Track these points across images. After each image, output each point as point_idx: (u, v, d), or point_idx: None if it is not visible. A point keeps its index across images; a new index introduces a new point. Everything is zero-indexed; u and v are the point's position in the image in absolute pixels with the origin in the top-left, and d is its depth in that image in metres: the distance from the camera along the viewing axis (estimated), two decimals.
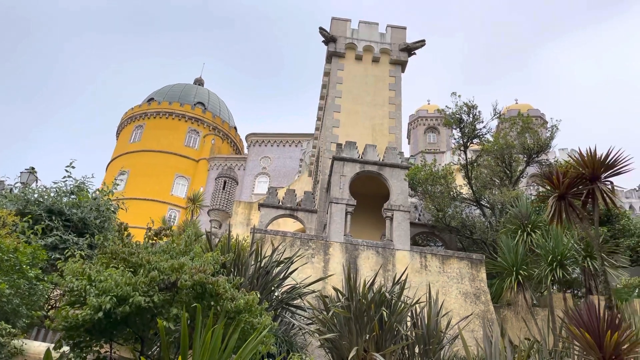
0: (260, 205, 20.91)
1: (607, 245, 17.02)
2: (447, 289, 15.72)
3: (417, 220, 22.67)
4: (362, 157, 18.98)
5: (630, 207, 45.69)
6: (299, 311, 11.90)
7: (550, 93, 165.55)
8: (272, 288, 11.31)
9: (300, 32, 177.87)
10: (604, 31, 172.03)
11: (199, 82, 69.36)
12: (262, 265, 11.35)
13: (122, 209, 14.37)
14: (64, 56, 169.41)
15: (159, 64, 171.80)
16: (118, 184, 12.92)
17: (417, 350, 11.04)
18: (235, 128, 64.45)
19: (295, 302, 11.92)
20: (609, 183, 9.69)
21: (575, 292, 19.29)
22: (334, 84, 24.98)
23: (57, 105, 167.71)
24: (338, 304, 10.68)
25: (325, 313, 10.69)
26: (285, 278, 11.86)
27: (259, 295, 8.91)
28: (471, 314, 14.70)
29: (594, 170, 9.43)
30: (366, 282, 11.01)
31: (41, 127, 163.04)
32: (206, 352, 6.09)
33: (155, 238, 8.58)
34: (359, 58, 25.88)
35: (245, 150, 59.34)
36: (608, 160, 9.37)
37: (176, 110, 57.63)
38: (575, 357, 10.79)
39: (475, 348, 12.46)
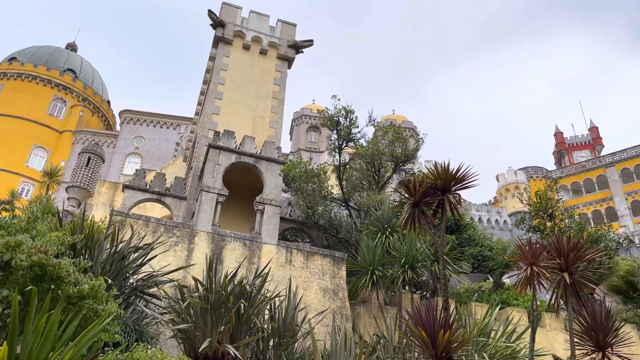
0: (125, 187, 19.72)
1: (454, 252, 18.72)
2: (309, 284, 16.17)
3: (288, 215, 22.98)
4: (239, 148, 18.77)
5: (480, 219, 50.96)
6: (154, 300, 11.46)
7: (436, 112, 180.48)
8: (127, 274, 10.77)
9: (202, 18, 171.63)
10: (490, 66, 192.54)
11: (72, 47, 63.52)
12: (118, 249, 10.77)
13: None
14: None
15: (30, 23, 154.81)
16: None
17: (271, 343, 11.23)
18: (108, 102, 60.18)
19: (151, 290, 11.46)
20: (457, 195, 10.68)
21: (425, 293, 20.94)
22: (218, 70, 24.40)
23: None
24: (196, 294, 10.49)
25: (181, 303, 10.44)
26: (142, 265, 11.36)
27: (109, 281, 8.43)
28: (327, 309, 15.28)
29: (445, 182, 10.34)
30: (228, 273, 10.95)
31: None
32: (38, 338, 5.63)
33: None
34: (246, 47, 25.55)
35: (118, 127, 55.68)
36: (458, 175, 10.32)
37: (41, 74, 52.35)
38: (416, 353, 11.75)
39: (326, 342, 12.97)
